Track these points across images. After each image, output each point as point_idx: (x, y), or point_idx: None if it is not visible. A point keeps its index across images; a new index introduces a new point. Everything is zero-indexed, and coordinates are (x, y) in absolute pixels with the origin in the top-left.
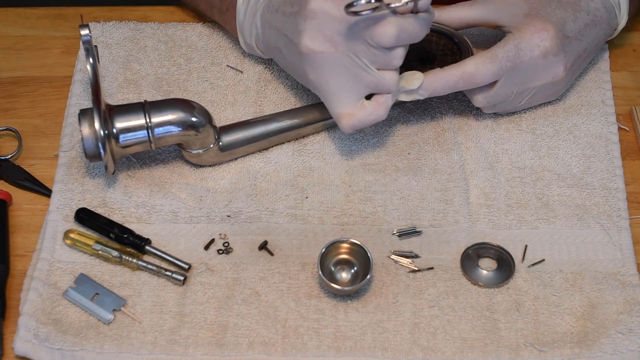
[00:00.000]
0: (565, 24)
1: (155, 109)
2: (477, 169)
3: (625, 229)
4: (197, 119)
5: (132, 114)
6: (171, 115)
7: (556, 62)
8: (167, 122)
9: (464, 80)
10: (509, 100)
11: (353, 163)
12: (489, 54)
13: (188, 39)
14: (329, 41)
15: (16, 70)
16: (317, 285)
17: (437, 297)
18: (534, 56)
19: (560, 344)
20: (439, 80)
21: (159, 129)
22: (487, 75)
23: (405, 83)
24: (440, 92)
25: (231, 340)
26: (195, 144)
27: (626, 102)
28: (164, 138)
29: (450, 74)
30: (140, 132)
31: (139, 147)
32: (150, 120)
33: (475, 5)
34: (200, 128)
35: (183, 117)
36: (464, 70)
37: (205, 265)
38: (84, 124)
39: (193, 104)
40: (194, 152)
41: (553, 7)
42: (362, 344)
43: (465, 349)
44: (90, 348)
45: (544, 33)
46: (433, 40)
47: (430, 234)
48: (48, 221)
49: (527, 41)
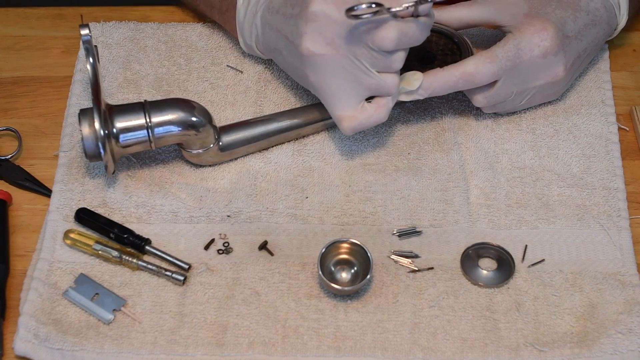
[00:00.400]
0: (565, 23)
1: (156, 108)
2: (477, 169)
3: (625, 229)
4: (197, 119)
5: (132, 114)
6: (171, 115)
7: (556, 62)
8: (167, 122)
9: (464, 80)
10: (509, 100)
11: (353, 163)
12: (489, 54)
13: (188, 39)
14: (329, 44)
15: (16, 70)
16: (317, 285)
17: (437, 297)
18: (534, 56)
19: (560, 344)
20: (438, 80)
21: (159, 128)
22: (487, 75)
23: (405, 84)
24: (440, 92)
25: (231, 340)
26: (195, 144)
27: (626, 102)
28: (164, 138)
29: (450, 74)
30: (140, 131)
31: (139, 147)
32: (150, 120)
33: (475, 6)
34: (200, 128)
35: (183, 117)
36: (464, 70)
37: (205, 265)
38: (84, 124)
39: (193, 103)
40: (194, 152)
41: (553, 7)
42: (362, 344)
43: (465, 349)
44: (90, 348)
45: (544, 33)
46: (433, 40)
47: (430, 234)
48: (48, 221)
49: (527, 41)
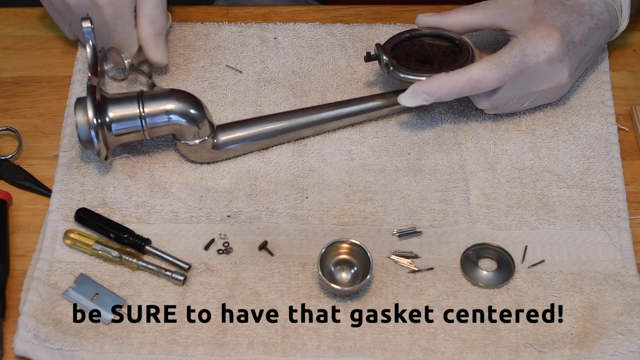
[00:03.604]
0: (570, 28)
1: (150, 98)
2: (477, 169)
3: (625, 229)
4: (191, 109)
5: (127, 103)
6: (165, 105)
7: (561, 68)
8: (160, 112)
9: (469, 86)
10: (512, 102)
11: (353, 163)
12: (494, 60)
13: (186, 38)
14: None
15: (16, 70)
16: (317, 285)
17: (437, 297)
18: (540, 62)
19: (560, 345)
20: (444, 86)
21: (152, 118)
22: (492, 81)
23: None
24: (445, 98)
25: (231, 340)
26: (189, 134)
27: (626, 102)
28: (157, 128)
29: (456, 80)
30: (133, 121)
31: (133, 136)
32: (144, 109)
33: (478, 10)
34: (193, 117)
35: (177, 107)
36: (470, 77)
37: (205, 265)
38: (79, 112)
39: (187, 94)
40: (189, 143)
41: (558, 11)
42: (362, 344)
43: (465, 350)
44: (90, 348)
45: (550, 39)
46: (435, 44)
47: (430, 234)
48: (48, 221)
49: (533, 47)
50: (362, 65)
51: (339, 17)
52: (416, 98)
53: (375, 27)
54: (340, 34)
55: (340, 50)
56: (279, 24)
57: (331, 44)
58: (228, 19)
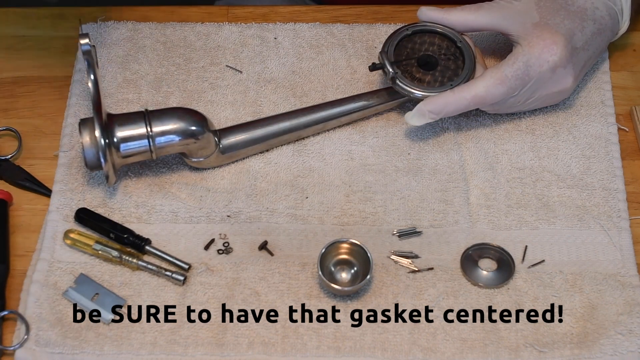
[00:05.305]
0: (574, 35)
1: (156, 118)
2: (477, 169)
3: (626, 229)
4: (197, 128)
5: (133, 123)
6: (172, 124)
7: (565, 74)
8: (168, 132)
9: (474, 102)
10: (514, 105)
11: (353, 163)
12: (498, 75)
13: (186, 38)
14: None
15: (16, 70)
16: (317, 285)
17: (437, 297)
18: (543, 71)
19: (560, 345)
20: (450, 104)
21: (160, 138)
22: (497, 96)
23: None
24: (451, 114)
25: (231, 340)
26: (197, 153)
27: (626, 102)
28: (165, 147)
29: (461, 98)
30: (141, 141)
31: (140, 157)
32: (152, 129)
33: (482, 10)
34: (200, 136)
35: (184, 126)
36: (475, 94)
37: (205, 265)
38: (85, 134)
39: (193, 112)
40: (194, 160)
41: (562, 17)
42: (362, 344)
43: (465, 350)
44: (90, 350)
45: (554, 47)
46: (436, 43)
47: (430, 234)
48: (48, 221)
49: (536, 57)
50: (362, 65)
51: (339, 17)
52: (423, 117)
53: (375, 27)
54: (340, 34)
55: (340, 50)
56: (279, 24)
57: (331, 44)
58: (228, 19)
